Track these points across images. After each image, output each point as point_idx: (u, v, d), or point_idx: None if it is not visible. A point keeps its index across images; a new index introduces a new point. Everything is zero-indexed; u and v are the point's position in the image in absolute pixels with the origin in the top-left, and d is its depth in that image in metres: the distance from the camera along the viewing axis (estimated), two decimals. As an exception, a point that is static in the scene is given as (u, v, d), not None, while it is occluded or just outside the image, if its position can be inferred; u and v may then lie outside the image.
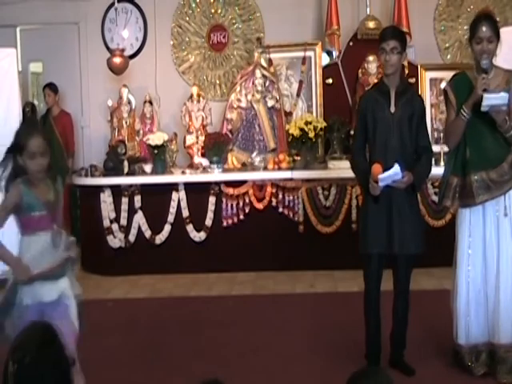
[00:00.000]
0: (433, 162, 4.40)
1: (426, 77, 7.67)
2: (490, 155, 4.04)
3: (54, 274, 3.52)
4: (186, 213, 7.11)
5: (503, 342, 4.02)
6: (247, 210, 7.09)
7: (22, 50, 7.90)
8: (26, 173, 3.49)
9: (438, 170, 6.69)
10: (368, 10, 7.86)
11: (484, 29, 3.98)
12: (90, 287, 6.24)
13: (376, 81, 5.77)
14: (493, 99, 3.88)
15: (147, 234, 7.11)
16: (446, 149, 6.95)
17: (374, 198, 4.11)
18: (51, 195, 3.56)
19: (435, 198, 6.88)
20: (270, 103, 7.65)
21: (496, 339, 4.04)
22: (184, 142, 7.78)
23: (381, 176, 3.99)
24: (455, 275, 4.18)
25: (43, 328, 2.43)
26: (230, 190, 7.09)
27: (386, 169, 4.00)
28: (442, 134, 7.31)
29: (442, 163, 6.96)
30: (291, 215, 7.05)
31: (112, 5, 8.22)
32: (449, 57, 8.22)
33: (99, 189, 7.17)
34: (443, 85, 7.46)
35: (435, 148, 7.12)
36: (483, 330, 4.11)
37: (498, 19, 7.83)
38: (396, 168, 3.96)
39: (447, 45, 8.23)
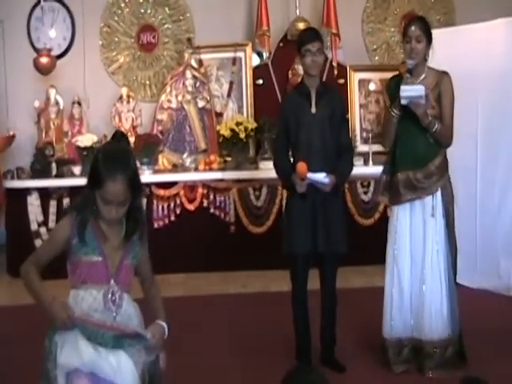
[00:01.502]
0: (354, 160, 4.47)
1: (355, 78, 7.78)
2: (417, 155, 4.13)
3: (105, 335, 2.60)
4: (116, 215, 7.02)
5: (429, 338, 4.11)
6: (178, 212, 7.05)
7: None
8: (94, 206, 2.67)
9: (366, 170, 6.87)
10: (297, 11, 7.92)
11: (413, 28, 4.10)
12: (17, 293, 6.07)
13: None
14: (409, 91, 3.98)
15: (76, 236, 6.99)
16: (374, 148, 7.12)
17: (300, 195, 4.14)
18: (119, 240, 2.73)
19: (365, 197, 6.99)
20: (201, 104, 7.64)
21: (423, 336, 4.13)
22: (114, 143, 7.67)
23: (309, 175, 4.04)
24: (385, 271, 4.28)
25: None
26: (161, 192, 7.05)
27: (311, 170, 4.05)
28: (370, 135, 7.42)
29: (371, 163, 7.08)
30: (223, 216, 7.06)
31: (38, 3, 8.04)
32: (377, 58, 8.35)
33: (26, 192, 7.03)
34: (371, 86, 7.61)
35: (364, 148, 7.29)
36: (407, 325, 4.20)
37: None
38: (323, 177, 4.05)
39: (375, 46, 8.36)
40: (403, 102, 3.99)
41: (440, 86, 4.12)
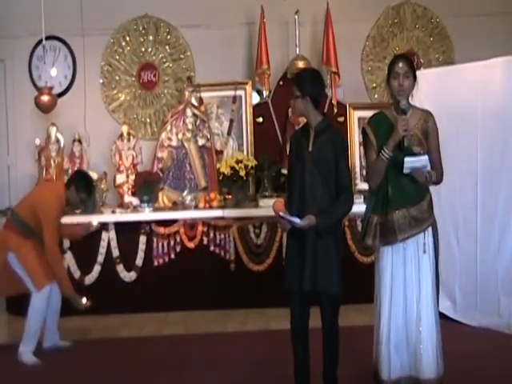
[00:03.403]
0: (351, 200, 4.29)
1: (355, 116, 7.83)
2: (411, 193, 4.14)
3: None
4: (116, 252, 7.02)
5: (427, 377, 4.09)
6: (178, 249, 7.04)
7: None
8: None
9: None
10: (297, 50, 7.99)
11: (401, 64, 4.14)
12: (16, 331, 6.04)
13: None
14: (414, 162, 3.99)
15: (76, 274, 6.99)
16: (366, 187, 7.11)
17: (290, 233, 4.20)
18: None
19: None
20: (201, 142, 7.66)
21: (421, 375, 4.10)
22: (114, 181, 7.70)
23: (282, 214, 4.06)
24: (377, 312, 4.23)
25: None
26: (161, 229, 7.04)
27: (303, 208, 4.06)
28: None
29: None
30: (222, 254, 7.04)
31: (40, 42, 8.11)
32: (376, 96, 8.40)
33: (26, 229, 7.00)
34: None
35: (363, 185, 7.26)
36: (405, 364, 4.16)
37: (422, 61, 8.19)
38: (297, 220, 4.03)
39: (374, 84, 8.42)
40: (406, 171, 4.00)
41: (428, 125, 4.17)
